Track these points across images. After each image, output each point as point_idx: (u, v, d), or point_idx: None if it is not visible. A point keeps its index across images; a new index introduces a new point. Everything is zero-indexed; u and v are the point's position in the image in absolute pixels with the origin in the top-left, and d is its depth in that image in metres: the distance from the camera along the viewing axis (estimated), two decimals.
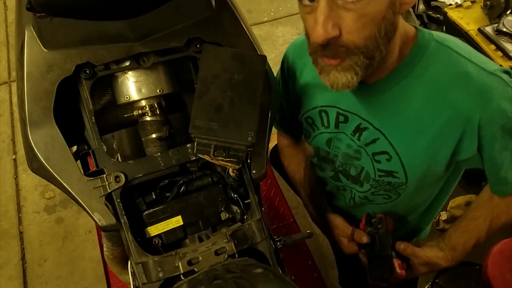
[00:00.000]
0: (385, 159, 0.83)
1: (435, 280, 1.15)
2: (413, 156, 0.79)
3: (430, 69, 0.74)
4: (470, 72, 0.72)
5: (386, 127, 0.80)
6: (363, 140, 0.84)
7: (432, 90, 0.74)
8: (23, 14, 0.77)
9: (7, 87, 2.24)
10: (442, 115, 0.74)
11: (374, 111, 0.80)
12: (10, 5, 2.60)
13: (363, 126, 0.83)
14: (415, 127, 0.77)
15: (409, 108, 0.76)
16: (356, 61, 0.64)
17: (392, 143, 0.80)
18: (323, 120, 0.90)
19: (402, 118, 0.77)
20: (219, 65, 0.72)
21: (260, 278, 0.63)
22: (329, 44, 0.62)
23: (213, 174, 0.81)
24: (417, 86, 0.75)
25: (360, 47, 0.63)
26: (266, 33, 2.44)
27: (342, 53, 0.63)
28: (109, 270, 1.47)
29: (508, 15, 1.39)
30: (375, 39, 0.63)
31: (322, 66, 0.68)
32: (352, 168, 0.91)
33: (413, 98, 0.75)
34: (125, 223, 0.72)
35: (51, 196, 1.84)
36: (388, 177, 0.85)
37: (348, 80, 0.66)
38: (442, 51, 0.74)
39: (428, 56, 0.74)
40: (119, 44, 0.77)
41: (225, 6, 0.84)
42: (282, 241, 1.08)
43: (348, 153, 0.89)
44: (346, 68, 0.65)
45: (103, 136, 0.80)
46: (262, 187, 1.67)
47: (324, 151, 0.96)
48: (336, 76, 0.66)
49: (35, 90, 0.74)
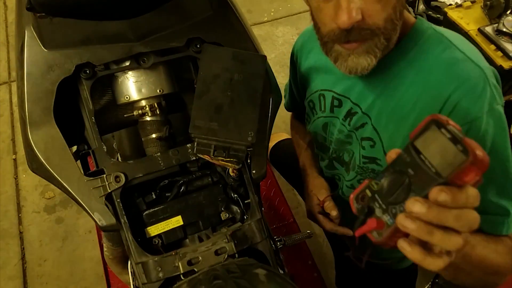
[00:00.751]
0: (369, 145, 0.83)
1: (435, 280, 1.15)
2: (395, 144, 0.79)
3: (422, 56, 0.74)
4: (457, 59, 0.71)
5: (373, 111, 0.80)
6: (353, 125, 0.85)
7: (418, 76, 0.73)
8: (23, 14, 0.77)
9: (7, 87, 2.24)
10: (422, 100, 0.73)
11: (364, 94, 0.80)
12: (10, 5, 2.60)
13: (354, 110, 0.83)
14: (399, 113, 0.76)
15: (396, 94, 0.76)
16: (376, 43, 0.66)
17: (377, 129, 0.80)
18: (320, 104, 0.92)
19: (389, 103, 0.77)
20: (219, 65, 0.72)
21: (260, 278, 0.63)
22: (353, 29, 0.63)
23: (213, 174, 0.81)
24: (407, 71, 0.74)
25: (381, 29, 0.65)
26: (266, 33, 2.44)
27: (367, 36, 0.65)
28: (109, 270, 1.47)
29: (508, 15, 1.39)
30: (392, 20, 0.66)
31: (339, 52, 0.69)
32: (346, 154, 0.92)
33: (401, 84, 0.75)
34: (125, 223, 0.72)
35: (51, 196, 1.84)
36: (372, 163, 0.85)
37: (368, 63, 0.68)
38: (437, 39, 0.74)
39: (423, 42, 0.74)
40: (119, 44, 0.77)
41: (225, 6, 0.84)
42: (282, 241, 1.08)
43: (340, 138, 0.90)
44: (366, 51, 0.67)
45: (103, 136, 0.80)
46: (262, 187, 1.67)
47: (321, 137, 0.97)
48: (356, 60, 0.68)
49: (35, 90, 0.74)
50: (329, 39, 0.68)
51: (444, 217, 0.40)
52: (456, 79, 0.69)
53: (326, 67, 0.88)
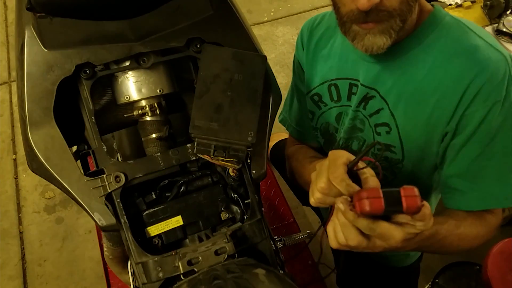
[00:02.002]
0: (385, 131, 0.83)
1: (435, 280, 1.15)
2: (411, 129, 0.80)
3: (440, 41, 0.75)
4: (478, 45, 0.73)
5: (391, 96, 0.81)
6: (369, 110, 0.85)
7: (438, 62, 0.75)
8: (23, 14, 0.77)
9: (7, 87, 2.24)
10: (442, 86, 0.74)
11: (382, 78, 0.81)
12: (10, 5, 2.60)
13: (370, 94, 0.83)
14: (417, 98, 0.77)
15: (414, 79, 0.77)
16: (392, 24, 0.68)
17: (394, 114, 0.81)
18: (332, 95, 0.91)
19: (407, 88, 0.78)
20: (219, 65, 0.72)
21: (260, 278, 0.63)
22: (371, 10, 0.65)
23: (213, 174, 0.81)
24: (425, 56, 0.76)
25: (397, 10, 0.67)
26: (266, 33, 2.44)
27: (384, 17, 0.67)
28: (109, 270, 1.47)
29: (508, 15, 1.39)
30: (408, 2, 0.68)
31: (356, 31, 0.71)
32: (355, 142, 0.91)
33: (419, 68, 0.76)
34: (125, 223, 0.72)
35: (51, 196, 1.84)
36: (386, 151, 0.85)
37: (383, 42, 0.70)
38: (456, 25, 0.76)
39: (441, 28, 0.75)
40: (119, 44, 0.77)
41: (225, 6, 0.84)
42: (282, 241, 1.08)
43: (351, 125, 0.89)
44: (382, 31, 0.69)
45: (103, 136, 0.80)
46: (262, 187, 1.67)
47: (333, 127, 0.96)
48: (372, 39, 0.70)
49: (35, 90, 0.74)
50: (348, 19, 0.70)
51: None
52: (479, 64, 0.71)
53: (338, 54, 0.88)
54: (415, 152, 0.82)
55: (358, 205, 0.56)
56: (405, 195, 0.54)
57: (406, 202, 0.54)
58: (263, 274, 0.64)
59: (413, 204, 0.54)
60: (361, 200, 0.55)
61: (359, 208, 0.56)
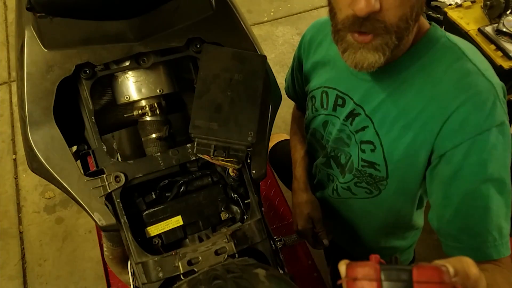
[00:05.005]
0: (370, 149, 0.82)
1: None
2: (395, 150, 0.78)
3: (432, 64, 0.73)
4: (468, 71, 0.70)
5: (376, 115, 0.79)
6: (355, 126, 0.84)
7: (426, 86, 0.73)
8: (23, 14, 0.77)
9: (7, 87, 2.24)
10: (428, 108, 0.72)
11: (369, 96, 0.80)
12: (10, 5, 2.60)
13: (356, 111, 0.82)
14: (401, 121, 0.75)
15: (401, 101, 0.75)
16: (387, 40, 0.65)
17: (379, 133, 0.79)
18: (322, 101, 0.91)
19: (393, 109, 0.76)
20: (219, 65, 0.72)
21: (260, 278, 0.63)
22: (368, 19, 0.62)
23: (213, 174, 0.81)
24: (414, 79, 0.74)
25: (394, 26, 0.64)
26: (266, 33, 2.44)
27: (379, 30, 0.64)
28: (109, 270, 1.47)
29: (508, 15, 1.39)
30: (407, 20, 0.64)
31: (350, 43, 0.67)
32: (342, 155, 0.91)
33: (406, 91, 0.74)
34: (125, 223, 0.72)
35: (51, 196, 1.84)
36: (370, 168, 0.84)
37: (376, 60, 0.66)
38: (450, 49, 0.73)
39: (435, 51, 0.73)
40: (119, 44, 0.77)
41: (225, 6, 0.84)
42: (282, 241, 1.08)
43: (338, 137, 0.89)
44: (376, 47, 0.65)
45: (103, 136, 0.80)
46: (262, 187, 1.67)
47: (319, 134, 0.96)
48: (364, 55, 0.66)
49: (35, 90, 0.74)
50: (343, 26, 0.67)
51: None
52: (466, 91, 0.69)
53: (334, 62, 0.87)
54: (400, 171, 0.80)
55: (346, 286, 0.40)
56: (420, 280, 0.35)
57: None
58: (263, 274, 0.64)
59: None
60: (349, 281, 0.39)
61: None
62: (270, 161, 1.55)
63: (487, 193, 0.69)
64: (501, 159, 0.69)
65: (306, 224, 1.00)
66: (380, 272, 0.37)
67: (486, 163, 0.68)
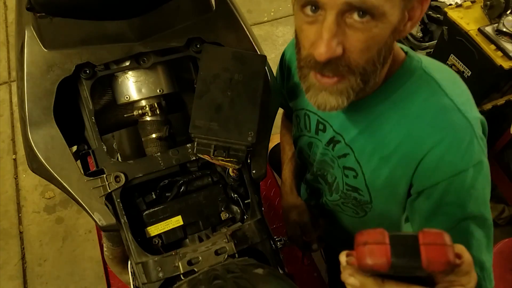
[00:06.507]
0: (352, 175, 0.81)
1: None
2: (377, 179, 0.76)
3: (408, 99, 0.70)
4: (444, 107, 0.67)
5: (355, 145, 0.78)
6: (336, 152, 0.83)
7: (402, 120, 0.70)
8: (23, 14, 0.77)
9: (7, 87, 2.24)
10: (405, 144, 0.70)
11: (347, 127, 0.78)
12: (10, 5, 2.60)
13: (337, 139, 0.81)
14: (381, 152, 0.73)
15: (378, 134, 0.73)
16: (352, 84, 0.61)
17: (360, 162, 0.78)
18: (305, 123, 0.90)
19: (371, 141, 0.74)
20: (219, 65, 0.72)
21: (260, 278, 0.63)
22: (330, 63, 0.58)
23: (213, 174, 0.81)
24: (391, 113, 0.71)
25: (360, 68, 0.60)
26: (266, 33, 2.44)
27: (344, 72, 0.60)
28: (109, 270, 1.47)
29: (508, 15, 1.39)
30: (374, 63, 0.61)
31: (312, 83, 0.64)
32: (329, 175, 0.90)
33: (384, 124, 0.72)
34: (125, 223, 0.72)
35: (51, 196, 1.84)
36: (354, 192, 0.83)
37: (339, 103, 0.63)
38: (425, 82, 0.69)
39: (410, 85, 0.70)
40: (119, 44, 0.77)
41: (225, 6, 0.84)
42: (282, 241, 1.08)
43: (323, 159, 0.88)
44: (340, 91, 0.62)
45: (103, 136, 0.80)
46: (262, 187, 1.66)
47: (306, 153, 0.96)
48: (326, 98, 0.63)
49: (35, 90, 0.74)
50: (305, 64, 0.63)
51: None
52: (441, 130, 0.66)
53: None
54: (383, 198, 0.80)
55: (355, 254, 0.40)
56: (426, 242, 0.37)
57: (427, 253, 0.36)
58: (263, 274, 0.64)
59: (439, 258, 0.36)
60: (359, 246, 0.40)
61: (356, 258, 0.40)
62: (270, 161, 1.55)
63: (467, 229, 0.67)
64: (480, 197, 0.68)
65: (294, 232, 0.99)
66: (388, 237, 0.38)
67: (465, 203, 0.67)
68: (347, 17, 0.55)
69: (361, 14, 0.54)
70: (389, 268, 0.37)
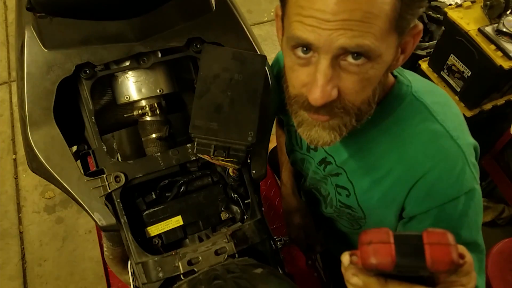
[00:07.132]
0: (345, 194, 0.81)
1: None
2: (369, 201, 0.77)
3: (398, 125, 0.69)
4: (435, 134, 0.66)
5: (347, 166, 0.78)
6: (328, 172, 0.83)
7: (393, 145, 0.70)
8: (23, 14, 0.77)
9: (7, 87, 2.24)
10: (397, 169, 0.69)
11: (338, 149, 0.78)
12: (10, 5, 2.60)
13: (328, 160, 0.81)
14: (373, 175, 0.73)
15: (370, 157, 0.73)
16: (346, 121, 0.60)
17: (352, 182, 0.78)
18: (297, 140, 0.90)
19: (362, 164, 0.74)
20: (219, 65, 0.72)
21: (260, 278, 0.63)
22: (325, 105, 0.56)
23: (213, 174, 0.81)
24: (381, 138, 0.71)
25: (355, 109, 0.59)
26: (266, 33, 2.44)
27: (339, 112, 0.59)
28: (109, 270, 1.47)
29: (508, 15, 1.39)
30: (369, 103, 0.60)
31: (304, 119, 0.62)
32: (322, 189, 0.91)
33: (376, 148, 0.72)
34: (125, 223, 0.72)
35: (51, 196, 1.84)
36: (348, 209, 0.84)
37: (331, 139, 0.62)
38: (416, 108, 0.68)
39: (401, 110, 0.69)
40: (119, 44, 0.77)
41: (225, 6, 0.84)
42: (282, 241, 1.09)
43: (315, 177, 0.88)
44: (333, 127, 0.61)
45: (103, 136, 0.80)
46: (262, 187, 1.67)
47: (299, 167, 0.96)
48: (320, 133, 0.62)
49: (35, 90, 0.74)
50: (295, 102, 0.61)
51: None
52: (432, 158, 0.66)
53: None
54: (376, 217, 0.79)
55: (360, 253, 0.41)
56: (430, 242, 0.37)
57: (432, 253, 0.37)
58: (263, 274, 0.64)
59: (443, 257, 0.37)
60: (363, 246, 0.40)
61: (360, 257, 0.40)
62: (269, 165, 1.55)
63: None
64: (472, 224, 0.68)
65: (298, 235, 0.99)
66: (392, 237, 0.39)
67: (457, 230, 0.66)
68: (341, 59, 0.54)
69: (356, 56, 0.53)
70: (393, 267, 0.38)
